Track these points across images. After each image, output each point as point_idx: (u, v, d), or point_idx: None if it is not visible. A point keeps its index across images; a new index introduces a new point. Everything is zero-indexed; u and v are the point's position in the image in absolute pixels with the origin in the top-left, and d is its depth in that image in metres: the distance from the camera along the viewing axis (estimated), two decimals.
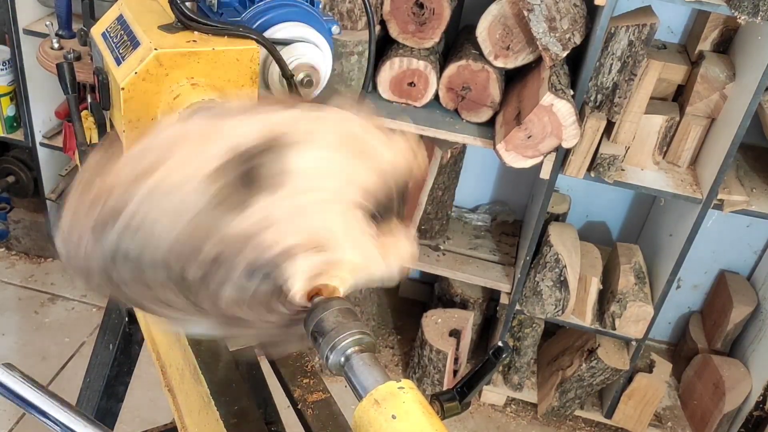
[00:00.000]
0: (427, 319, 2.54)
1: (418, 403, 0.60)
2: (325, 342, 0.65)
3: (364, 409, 0.61)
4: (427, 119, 2.18)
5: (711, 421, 2.51)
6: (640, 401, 2.50)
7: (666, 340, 2.96)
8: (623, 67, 2.01)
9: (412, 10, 2.09)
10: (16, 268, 2.94)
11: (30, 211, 2.95)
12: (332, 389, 0.98)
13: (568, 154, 2.11)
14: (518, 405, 2.69)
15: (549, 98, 1.92)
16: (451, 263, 2.52)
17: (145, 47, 0.86)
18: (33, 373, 0.67)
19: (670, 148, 2.23)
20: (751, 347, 2.52)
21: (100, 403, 1.40)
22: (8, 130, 2.68)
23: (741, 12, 1.79)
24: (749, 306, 2.54)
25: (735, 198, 2.12)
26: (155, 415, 2.26)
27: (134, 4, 0.96)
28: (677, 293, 2.78)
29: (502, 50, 2.07)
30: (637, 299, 2.28)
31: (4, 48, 2.53)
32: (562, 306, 2.36)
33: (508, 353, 0.83)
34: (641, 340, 2.36)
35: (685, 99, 2.19)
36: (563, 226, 2.44)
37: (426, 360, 2.51)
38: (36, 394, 0.67)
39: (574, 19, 1.97)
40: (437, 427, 0.59)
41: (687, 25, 2.35)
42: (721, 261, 2.72)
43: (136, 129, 0.88)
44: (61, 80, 1.02)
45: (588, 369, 2.42)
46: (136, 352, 1.37)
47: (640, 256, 2.44)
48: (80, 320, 2.75)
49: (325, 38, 1.01)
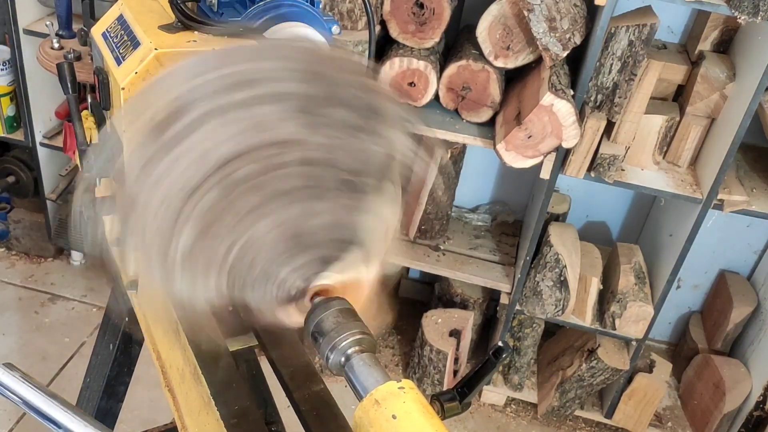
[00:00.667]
0: (428, 319, 2.54)
1: (419, 403, 0.60)
2: (326, 342, 0.66)
3: (364, 409, 0.61)
4: (428, 119, 2.18)
5: (711, 421, 2.51)
6: (640, 401, 2.50)
7: (666, 340, 2.96)
8: (623, 67, 2.01)
9: (412, 10, 2.09)
10: (16, 268, 2.94)
11: (30, 211, 2.95)
12: (332, 389, 0.98)
13: (568, 154, 2.11)
14: (518, 405, 2.69)
15: (549, 98, 1.92)
16: (451, 263, 2.52)
17: (146, 47, 0.86)
18: (33, 373, 0.67)
19: (671, 148, 2.23)
20: (752, 347, 2.52)
21: (100, 403, 1.40)
22: (8, 130, 2.68)
23: (741, 12, 1.79)
24: (749, 306, 2.54)
25: (735, 198, 2.12)
26: (155, 415, 2.26)
27: (134, 4, 0.96)
28: (677, 293, 2.78)
29: (502, 50, 2.07)
30: (637, 299, 2.28)
31: (4, 48, 2.53)
32: (562, 306, 2.36)
33: (508, 353, 0.83)
34: (641, 340, 2.36)
35: (685, 99, 2.19)
36: (563, 226, 2.44)
37: (426, 360, 2.51)
38: (36, 394, 0.67)
39: (574, 19, 1.97)
40: (437, 427, 0.59)
41: (687, 25, 2.35)
42: (721, 261, 2.72)
43: None
44: (61, 80, 1.02)
45: (588, 369, 2.42)
46: (136, 352, 1.37)
47: (640, 256, 2.44)
48: (80, 320, 2.75)
49: (325, 38, 1.01)
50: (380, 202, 0.69)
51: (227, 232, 0.63)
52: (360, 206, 0.67)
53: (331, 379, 0.85)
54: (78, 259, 2.99)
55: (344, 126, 0.65)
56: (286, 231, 0.65)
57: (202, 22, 0.89)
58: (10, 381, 0.66)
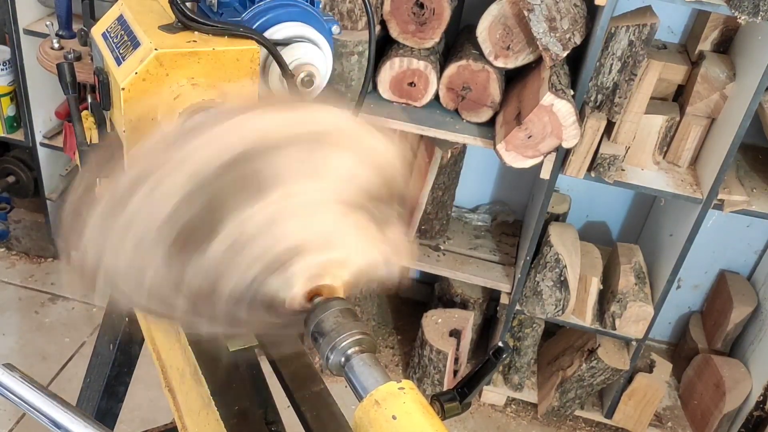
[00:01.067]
0: (428, 319, 2.54)
1: (419, 404, 0.60)
2: (326, 342, 0.66)
3: (364, 410, 0.61)
4: (428, 119, 2.18)
5: (711, 421, 2.51)
6: (640, 401, 2.50)
7: (666, 340, 2.96)
8: (623, 67, 2.01)
9: (412, 10, 2.09)
10: (16, 268, 2.94)
11: (30, 211, 2.95)
12: (332, 389, 0.98)
13: (568, 154, 2.11)
14: (518, 405, 2.69)
15: (549, 98, 1.92)
16: (452, 263, 2.52)
17: (146, 47, 0.86)
18: (33, 373, 0.67)
19: (671, 148, 2.23)
20: (752, 347, 2.52)
21: (100, 403, 1.40)
22: (8, 130, 2.68)
23: (741, 12, 1.79)
24: (749, 306, 2.54)
25: (735, 198, 2.12)
26: (155, 415, 2.26)
27: (134, 4, 0.96)
28: (677, 293, 2.78)
29: (503, 50, 2.07)
30: (637, 299, 2.28)
31: (4, 48, 2.53)
32: (562, 306, 2.36)
33: (508, 353, 0.83)
34: (641, 340, 2.36)
35: (686, 99, 2.19)
36: (563, 226, 2.44)
37: (426, 360, 2.51)
38: (36, 394, 0.66)
39: (574, 19, 1.97)
40: (437, 427, 0.59)
41: (687, 25, 2.35)
42: (721, 261, 2.72)
43: (137, 129, 0.88)
44: (61, 80, 1.02)
45: (588, 369, 2.42)
46: (136, 352, 1.37)
47: (640, 256, 2.44)
48: (80, 320, 2.75)
49: (326, 38, 1.01)
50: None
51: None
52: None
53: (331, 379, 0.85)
54: None
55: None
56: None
57: (202, 22, 0.89)
58: (10, 381, 0.66)
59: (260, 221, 0.64)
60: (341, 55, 2.08)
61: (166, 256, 0.64)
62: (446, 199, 2.52)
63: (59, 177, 2.84)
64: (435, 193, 2.45)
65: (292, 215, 0.66)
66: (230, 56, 0.89)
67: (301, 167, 0.66)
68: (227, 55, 0.89)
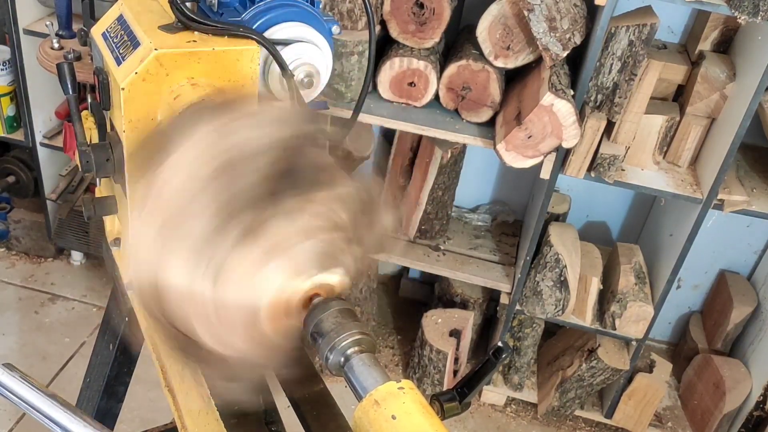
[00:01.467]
0: (428, 319, 2.54)
1: (418, 404, 0.60)
2: (325, 342, 0.65)
3: (364, 410, 0.61)
4: (428, 119, 2.18)
5: (711, 421, 2.51)
6: (640, 401, 2.50)
7: (666, 340, 2.96)
8: (623, 67, 2.01)
9: (412, 10, 2.09)
10: (16, 268, 2.95)
11: (30, 211, 2.95)
12: (332, 389, 0.98)
13: (568, 154, 2.11)
14: (518, 405, 2.69)
15: (549, 98, 1.92)
16: (451, 263, 2.52)
17: (146, 47, 0.86)
18: (33, 373, 0.67)
19: (671, 148, 2.23)
20: (752, 347, 2.52)
21: (100, 403, 1.40)
22: (8, 130, 2.68)
23: (741, 12, 1.79)
24: (749, 306, 2.54)
25: (735, 198, 2.12)
26: (155, 415, 2.26)
27: (134, 4, 0.96)
28: (677, 293, 2.78)
29: (503, 50, 2.07)
30: (637, 299, 2.28)
31: (4, 48, 2.53)
32: (562, 306, 2.36)
33: (508, 353, 0.83)
34: (641, 340, 2.36)
35: (686, 99, 2.19)
36: (563, 226, 2.44)
37: (426, 360, 2.51)
38: (36, 394, 0.67)
39: (574, 19, 1.97)
40: (437, 427, 0.59)
41: (687, 25, 2.35)
42: (721, 261, 2.72)
43: (137, 129, 0.88)
44: (61, 80, 1.02)
45: (588, 369, 2.42)
46: (136, 352, 1.37)
47: (640, 256, 2.44)
48: (80, 320, 2.75)
49: (325, 38, 1.01)
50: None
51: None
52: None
53: (331, 379, 0.85)
54: (78, 259, 2.99)
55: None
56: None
57: (202, 23, 0.89)
58: (10, 381, 0.66)
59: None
60: (341, 55, 2.08)
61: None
62: (446, 199, 2.51)
63: (59, 177, 2.84)
64: (435, 193, 2.45)
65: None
66: (230, 56, 0.89)
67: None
68: (227, 55, 0.89)
